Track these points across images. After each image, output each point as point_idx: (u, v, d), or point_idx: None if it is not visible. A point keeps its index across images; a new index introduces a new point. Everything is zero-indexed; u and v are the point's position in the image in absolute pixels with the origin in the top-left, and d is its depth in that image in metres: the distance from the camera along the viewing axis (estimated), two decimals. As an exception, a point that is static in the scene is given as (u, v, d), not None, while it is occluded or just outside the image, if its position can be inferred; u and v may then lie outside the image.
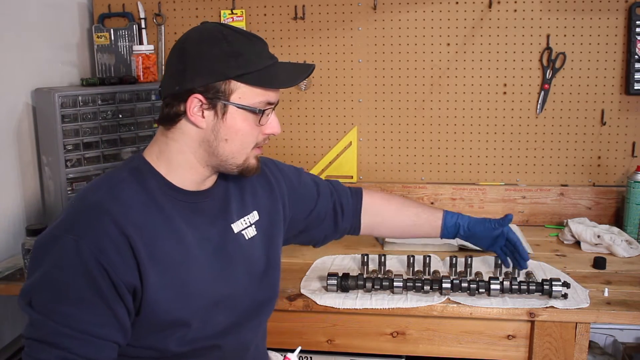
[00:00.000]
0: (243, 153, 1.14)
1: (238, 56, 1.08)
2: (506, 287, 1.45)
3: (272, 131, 1.16)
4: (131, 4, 2.15)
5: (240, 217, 1.24)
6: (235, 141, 1.11)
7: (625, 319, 1.42)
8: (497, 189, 2.07)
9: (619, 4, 1.93)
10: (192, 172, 1.14)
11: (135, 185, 1.10)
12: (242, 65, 1.08)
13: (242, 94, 1.09)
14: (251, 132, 1.12)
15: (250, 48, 1.10)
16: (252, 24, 2.11)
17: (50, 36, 1.99)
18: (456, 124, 2.08)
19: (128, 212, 1.05)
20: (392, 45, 2.06)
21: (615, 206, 2.01)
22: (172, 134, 1.12)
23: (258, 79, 1.09)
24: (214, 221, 1.19)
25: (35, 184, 1.88)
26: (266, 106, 1.12)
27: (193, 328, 1.11)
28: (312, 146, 2.16)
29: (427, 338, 1.53)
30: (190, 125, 1.11)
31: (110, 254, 1.01)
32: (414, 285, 1.49)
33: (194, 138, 1.11)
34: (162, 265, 1.07)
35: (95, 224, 1.02)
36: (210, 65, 1.07)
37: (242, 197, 1.26)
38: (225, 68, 1.07)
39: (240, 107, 1.09)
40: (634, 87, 1.95)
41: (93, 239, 1.01)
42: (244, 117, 1.10)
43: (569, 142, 2.04)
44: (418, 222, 1.55)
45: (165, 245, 1.08)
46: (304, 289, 1.54)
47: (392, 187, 2.11)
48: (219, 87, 1.07)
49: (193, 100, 1.08)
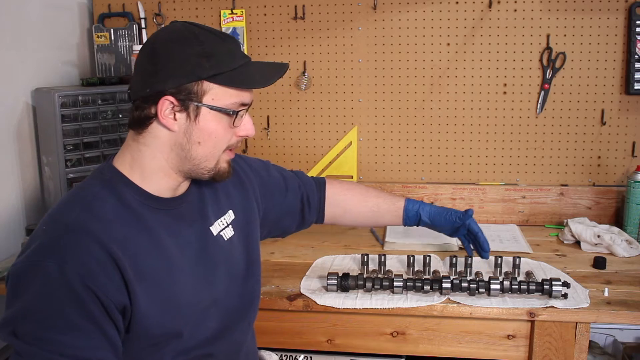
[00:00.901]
0: (215, 156, 1.10)
1: (210, 56, 1.04)
2: (506, 287, 1.45)
3: (246, 133, 1.12)
4: (131, 4, 2.15)
5: (217, 219, 1.22)
6: (208, 144, 1.08)
7: (625, 319, 1.42)
8: (497, 188, 2.07)
9: (619, 4, 1.93)
10: (166, 179, 1.11)
11: (112, 199, 1.05)
12: (215, 65, 1.04)
13: (215, 95, 1.05)
14: (224, 134, 1.09)
15: (222, 47, 1.06)
16: (252, 24, 2.11)
17: (50, 36, 1.99)
18: (456, 124, 2.08)
19: (109, 229, 1.01)
20: (392, 45, 2.06)
21: (615, 206, 2.01)
22: (143, 139, 1.08)
23: (231, 79, 1.06)
24: (193, 225, 1.16)
25: (35, 184, 1.88)
26: (240, 107, 1.08)
27: (185, 337, 1.09)
28: (312, 146, 2.16)
29: (427, 338, 1.53)
30: (161, 128, 1.06)
31: (97, 276, 0.97)
32: (414, 285, 1.49)
33: (165, 142, 1.07)
34: (148, 280, 1.04)
35: (78, 246, 0.97)
36: (182, 65, 1.03)
37: (216, 198, 1.24)
38: (197, 68, 1.03)
39: (214, 108, 1.05)
40: (634, 87, 1.95)
41: (78, 262, 0.96)
42: (217, 118, 1.07)
43: (569, 142, 2.04)
44: (379, 211, 1.56)
45: (150, 259, 1.05)
46: (304, 288, 1.54)
47: (392, 187, 2.11)
48: (191, 88, 1.03)
49: (164, 103, 1.04)
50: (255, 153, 2.17)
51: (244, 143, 2.16)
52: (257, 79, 1.09)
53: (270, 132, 2.16)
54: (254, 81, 1.09)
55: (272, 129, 2.16)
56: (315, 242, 1.90)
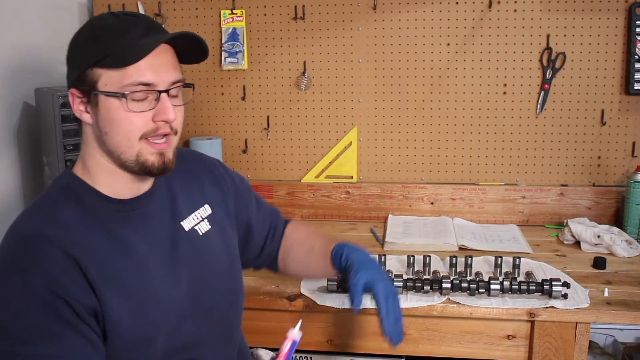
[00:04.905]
0: (130, 145, 1.02)
1: (95, 39, 1.00)
2: (506, 287, 1.45)
3: (161, 118, 1.02)
4: (131, 4, 2.15)
5: (190, 213, 1.17)
6: (113, 132, 1.01)
7: (625, 319, 1.43)
8: (497, 189, 2.07)
9: (619, 4, 1.93)
10: (114, 177, 1.06)
11: (72, 204, 1.02)
12: (100, 48, 0.99)
13: (107, 80, 0.99)
14: (128, 120, 1.00)
15: (109, 30, 1.00)
16: (252, 24, 2.11)
17: (50, 36, 1.99)
18: (456, 124, 2.08)
19: (70, 233, 0.98)
20: (392, 45, 2.06)
21: (615, 206, 2.01)
22: (83, 139, 1.07)
23: (114, 59, 0.98)
24: (163, 223, 1.12)
25: (35, 184, 1.88)
26: (138, 89, 0.99)
27: (160, 343, 1.05)
28: (312, 146, 2.16)
29: (427, 338, 1.53)
30: (85, 124, 1.05)
31: (62, 282, 0.95)
32: (414, 285, 1.49)
33: (92, 138, 1.05)
34: (116, 286, 1.00)
35: (38, 254, 0.95)
36: (76, 55, 1.02)
37: (189, 193, 1.19)
38: (85, 55, 1.00)
39: (108, 94, 0.99)
40: (634, 87, 1.95)
41: (41, 271, 0.94)
42: (114, 105, 1.00)
43: (569, 142, 2.04)
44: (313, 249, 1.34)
45: (117, 264, 1.02)
46: (304, 289, 1.54)
47: (392, 187, 2.11)
48: (85, 77, 1.00)
49: (73, 97, 1.03)
50: (255, 153, 2.17)
51: (244, 144, 2.16)
52: (136, 53, 0.99)
53: (270, 132, 2.16)
54: (134, 56, 0.98)
55: (272, 129, 2.16)
56: (315, 242, 1.89)
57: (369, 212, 2.12)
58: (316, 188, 2.15)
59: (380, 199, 2.12)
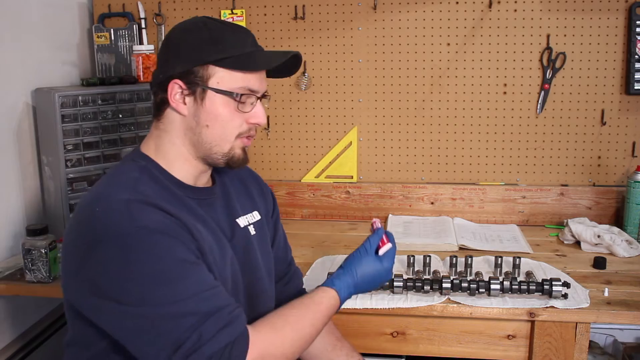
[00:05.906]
0: (226, 141, 1.12)
1: (217, 42, 1.09)
2: (506, 287, 1.45)
3: (256, 121, 1.13)
4: (131, 4, 2.15)
5: (243, 214, 1.24)
6: (215, 127, 1.10)
7: (625, 319, 1.42)
8: (497, 189, 2.07)
9: (619, 4, 1.93)
10: (187, 164, 1.14)
11: (152, 183, 1.08)
12: (220, 50, 1.08)
13: (220, 79, 1.09)
14: (231, 118, 1.11)
15: (230, 36, 1.11)
16: (252, 24, 2.11)
17: (50, 36, 1.99)
18: (456, 124, 2.08)
19: (160, 202, 1.03)
20: (392, 45, 2.06)
21: (615, 206, 2.01)
22: (162, 125, 1.14)
23: (235, 62, 1.09)
24: (224, 215, 1.19)
25: (35, 184, 1.88)
26: (246, 92, 1.11)
27: None
28: (312, 146, 2.16)
29: (427, 338, 1.53)
30: (175, 113, 1.12)
31: (173, 227, 1.00)
32: (414, 285, 1.49)
33: (179, 127, 1.12)
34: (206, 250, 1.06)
35: (145, 211, 1.00)
36: (189, 51, 1.09)
37: (240, 196, 1.27)
38: (203, 53, 1.08)
39: (218, 91, 1.09)
40: (634, 87, 1.95)
41: (153, 221, 0.99)
42: (223, 102, 1.09)
43: (569, 142, 2.04)
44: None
45: (205, 237, 1.07)
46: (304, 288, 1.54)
47: (392, 187, 2.11)
48: (197, 72, 1.08)
49: (173, 87, 1.09)
50: (255, 153, 2.17)
51: (244, 143, 2.16)
52: (260, 63, 1.12)
53: (270, 132, 2.16)
54: (257, 64, 1.11)
55: (272, 129, 2.16)
56: (315, 242, 1.90)
57: (369, 212, 2.12)
58: (316, 188, 2.15)
59: (380, 199, 2.12)
